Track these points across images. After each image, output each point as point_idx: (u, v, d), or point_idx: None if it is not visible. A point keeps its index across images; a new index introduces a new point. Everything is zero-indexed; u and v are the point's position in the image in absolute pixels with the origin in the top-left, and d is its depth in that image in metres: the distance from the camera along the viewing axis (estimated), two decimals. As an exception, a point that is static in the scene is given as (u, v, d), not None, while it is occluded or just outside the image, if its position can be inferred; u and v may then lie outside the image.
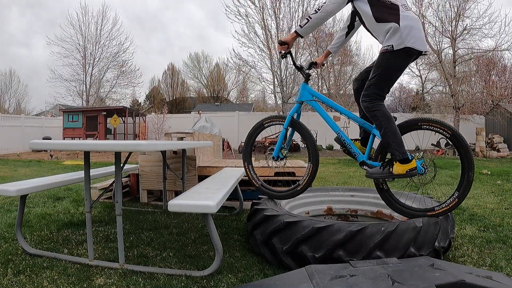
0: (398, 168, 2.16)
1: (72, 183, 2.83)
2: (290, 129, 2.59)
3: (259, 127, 2.69)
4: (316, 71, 20.46)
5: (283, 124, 2.58)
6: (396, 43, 2.07)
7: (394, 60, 2.12)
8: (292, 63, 2.56)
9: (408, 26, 2.07)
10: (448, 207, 2.24)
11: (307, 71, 2.52)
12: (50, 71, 29.95)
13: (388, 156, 2.29)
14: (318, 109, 2.55)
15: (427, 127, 2.28)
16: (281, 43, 2.36)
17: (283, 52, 2.41)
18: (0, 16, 49.20)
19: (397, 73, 2.20)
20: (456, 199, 2.23)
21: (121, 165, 2.32)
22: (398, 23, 2.07)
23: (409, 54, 2.11)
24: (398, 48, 2.07)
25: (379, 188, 2.38)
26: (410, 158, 2.16)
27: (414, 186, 5.47)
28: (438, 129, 2.26)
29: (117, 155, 2.25)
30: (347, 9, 2.36)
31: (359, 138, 2.56)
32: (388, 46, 2.10)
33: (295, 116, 2.56)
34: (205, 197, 2.09)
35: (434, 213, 2.26)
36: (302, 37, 2.31)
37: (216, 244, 2.01)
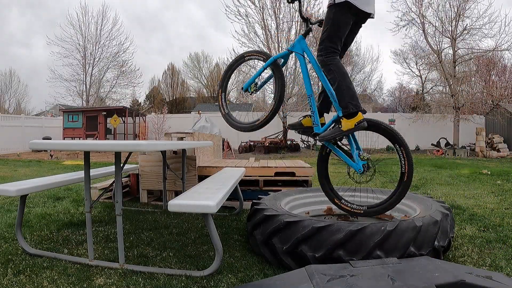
0: (346, 123, 2.19)
1: (72, 183, 2.83)
2: (269, 73, 2.57)
3: (240, 58, 2.66)
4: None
5: (263, 61, 2.55)
6: None
7: (339, 13, 2.18)
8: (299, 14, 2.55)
9: None
10: (353, 210, 2.36)
11: (311, 25, 2.50)
12: (50, 71, 29.87)
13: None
14: (302, 65, 2.52)
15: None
16: None
17: None
18: (0, 16, 49.17)
19: (344, 26, 2.23)
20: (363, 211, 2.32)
21: (121, 165, 2.32)
22: None
23: (350, 9, 2.17)
24: (339, 1, 2.15)
25: (319, 158, 2.47)
26: (358, 111, 2.18)
27: (414, 186, 5.44)
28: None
29: (117, 155, 2.25)
30: None
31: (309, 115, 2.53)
32: (331, 0, 2.19)
33: (279, 61, 2.52)
34: (205, 197, 2.09)
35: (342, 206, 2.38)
36: None
37: (216, 244, 2.01)
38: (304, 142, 15.92)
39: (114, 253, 2.36)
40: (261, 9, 15.06)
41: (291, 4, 15.40)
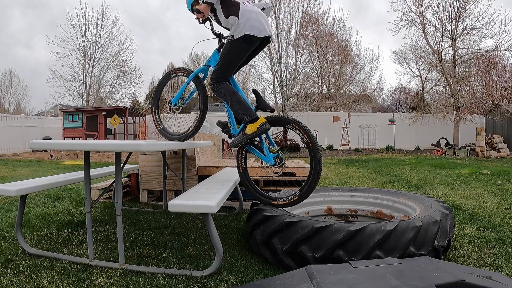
0: (250, 128, 2.42)
1: (72, 183, 2.83)
2: (193, 87, 2.85)
3: (166, 77, 2.99)
4: (316, 71, 20.44)
5: (186, 76, 2.83)
6: (235, 33, 2.40)
7: (235, 47, 2.43)
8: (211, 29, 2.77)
9: (245, 18, 2.39)
10: (286, 201, 2.44)
11: (223, 40, 2.72)
12: (50, 71, 29.85)
13: None
14: None
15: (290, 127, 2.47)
16: (198, 11, 2.60)
17: (201, 19, 2.65)
18: (1, 16, 49.16)
19: (238, 58, 2.49)
20: (297, 197, 2.41)
21: (121, 165, 2.32)
22: (238, 17, 2.40)
23: (249, 41, 2.42)
24: (238, 37, 2.39)
25: (239, 169, 2.63)
26: (257, 117, 2.41)
27: (414, 186, 5.42)
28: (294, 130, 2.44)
29: (117, 155, 2.25)
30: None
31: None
32: (230, 36, 2.43)
33: (200, 75, 2.81)
34: (205, 197, 2.09)
35: (275, 202, 2.46)
36: (213, 4, 2.54)
37: (216, 244, 2.01)
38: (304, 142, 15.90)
39: (114, 253, 2.36)
40: (261, 9, 15.03)
41: (291, 4, 15.46)
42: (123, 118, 17.16)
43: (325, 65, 21.45)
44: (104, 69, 21.39)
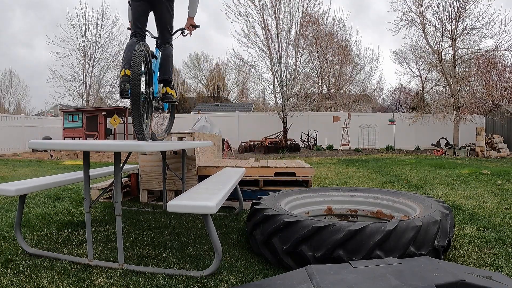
0: None
1: (72, 183, 2.83)
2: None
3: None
4: (316, 71, 20.45)
5: None
6: None
7: (131, 7, 2.85)
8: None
9: None
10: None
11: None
12: (50, 71, 29.87)
13: None
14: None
15: None
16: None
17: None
18: (2, 17, 49.21)
19: (134, 14, 2.82)
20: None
21: (121, 165, 2.32)
22: None
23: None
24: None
25: None
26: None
27: (414, 186, 5.42)
28: None
29: (117, 155, 2.24)
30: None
31: None
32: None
33: None
34: (204, 197, 2.08)
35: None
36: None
37: (215, 245, 2.01)
38: (304, 142, 15.91)
39: (114, 253, 2.36)
40: (261, 9, 15.03)
41: (291, 4, 15.46)
42: (123, 118, 17.14)
43: (325, 65, 21.46)
44: (104, 69, 21.41)
